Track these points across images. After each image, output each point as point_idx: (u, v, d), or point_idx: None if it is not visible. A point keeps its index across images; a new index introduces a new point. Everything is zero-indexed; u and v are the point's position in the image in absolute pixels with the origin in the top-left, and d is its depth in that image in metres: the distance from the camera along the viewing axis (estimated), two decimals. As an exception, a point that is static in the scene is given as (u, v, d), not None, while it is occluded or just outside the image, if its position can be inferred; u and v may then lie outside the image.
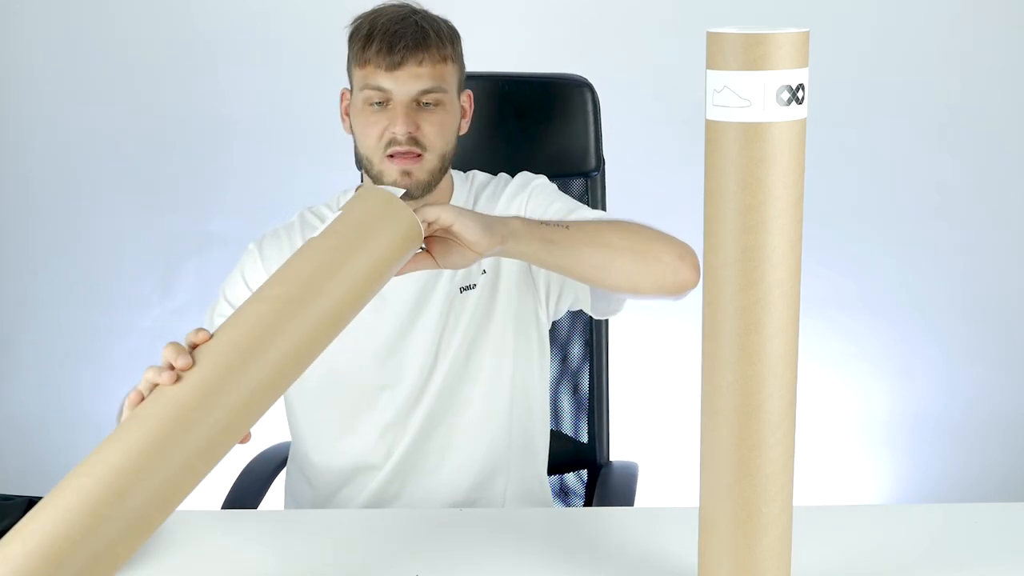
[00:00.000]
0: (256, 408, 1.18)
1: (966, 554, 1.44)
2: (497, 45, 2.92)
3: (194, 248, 3.15)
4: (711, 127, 1.16)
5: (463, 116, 1.78)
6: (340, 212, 1.31)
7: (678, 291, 1.59)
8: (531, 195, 1.78)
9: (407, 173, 1.68)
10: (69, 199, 3.17)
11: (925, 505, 1.63)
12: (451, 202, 1.78)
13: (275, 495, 1.92)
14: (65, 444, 3.16)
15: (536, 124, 1.98)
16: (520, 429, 1.80)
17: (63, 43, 3.09)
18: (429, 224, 1.36)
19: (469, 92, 1.79)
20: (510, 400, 1.78)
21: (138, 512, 1.08)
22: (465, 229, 1.38)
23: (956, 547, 1.46)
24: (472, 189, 1.83)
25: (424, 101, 1.68)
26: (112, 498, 1.07)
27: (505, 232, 1.43)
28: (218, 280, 1.82)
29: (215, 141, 3.12)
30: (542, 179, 1.82)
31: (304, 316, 1.21)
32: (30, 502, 1.46)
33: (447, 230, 1.38)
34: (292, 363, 1.20)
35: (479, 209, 1.77)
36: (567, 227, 1.51)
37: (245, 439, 1.21)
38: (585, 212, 1.72)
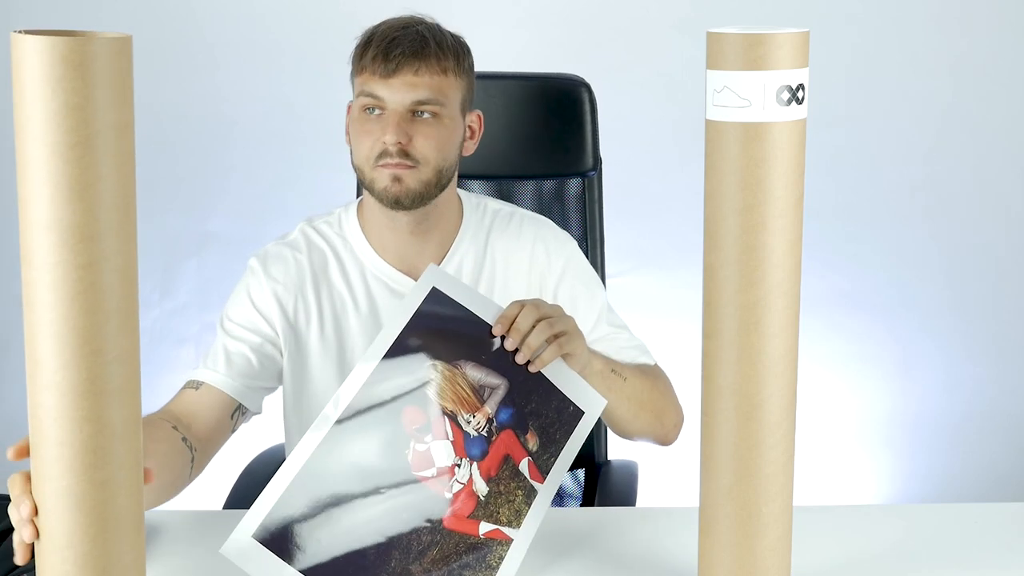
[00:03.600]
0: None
1: (966, 554, 1.44)
2: (495, 45, 2.93)
3: (194, 248, 3.16)
4: (711, 127, 1.16)
5: (470, 136, 1.72)
6: None
7: (659, 444, 1.73)
8: (564, 276, 1.75)
9: (397, 179, 1.62)
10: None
11: (925, 505, 1.63)
12: (459, 232, 1.74)
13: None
14: (65, 444, 3.16)
15: (533, 124, 1.98)
16: None
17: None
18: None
19: (479, 113, 1.73)
20: None
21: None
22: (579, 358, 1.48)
23: (956, 547, 1.46)
24: (483, 220, 1.77)
25: (419, 111, 1.62)
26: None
27: (589, 366, 1.52)
28: (218, 280, 1.81)
29: (215, 141, 3.12)
30: (576, 253, 1.78)
31: None
32: (30, 502, 1.45)
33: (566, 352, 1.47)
34: None
35: (489, 244, 1.75)
36: (625, 378, 1.61)
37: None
38: (618, 335, 1.74)
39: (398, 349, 1.37)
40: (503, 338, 1.43)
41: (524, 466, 1.40)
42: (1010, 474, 3.18)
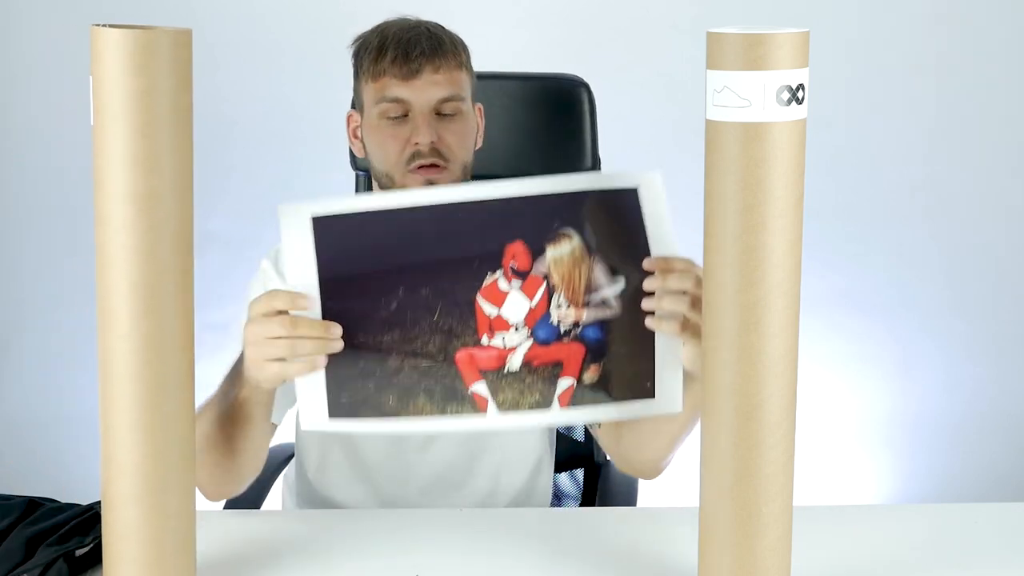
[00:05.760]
0: None
1: (966, 554, 1.44)
2: (495, 45, 2.93)
3: (194, 248, 3.15)
4: (711, 127, 1.16)
5: (477, 131, 1.73)
6: None
7: (643, 476, 1.65)
8: None
9: (431, 183, 1.62)
10: (69, 199, 3.17)
11: (925, 505, 1.63)
12: None
13: (278, 495, 1.92)
14: (65, 444, 3.16)
15: (532, 124, 1.98)
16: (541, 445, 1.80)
17: (64, 45, 3.09)
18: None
19: (480, 106, 1.75)
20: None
21: None
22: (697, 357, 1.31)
23: (956, 547, 1.46)
24: None
25: (443, 111, 1.63)
26: None
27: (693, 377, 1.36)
28: (218, 280, 1.82)
29: (215, 141, 3.12)
30: None
31: None
32: (30, 502, 1.46)
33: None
34: None
35: None
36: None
37: None
38: None
39: (551, 195, 1.30)
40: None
41: (563, 384, 1.33)
42: (1010, 474, 3.18)
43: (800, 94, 1.14)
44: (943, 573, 1.40)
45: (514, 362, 1.32)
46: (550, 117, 1.99)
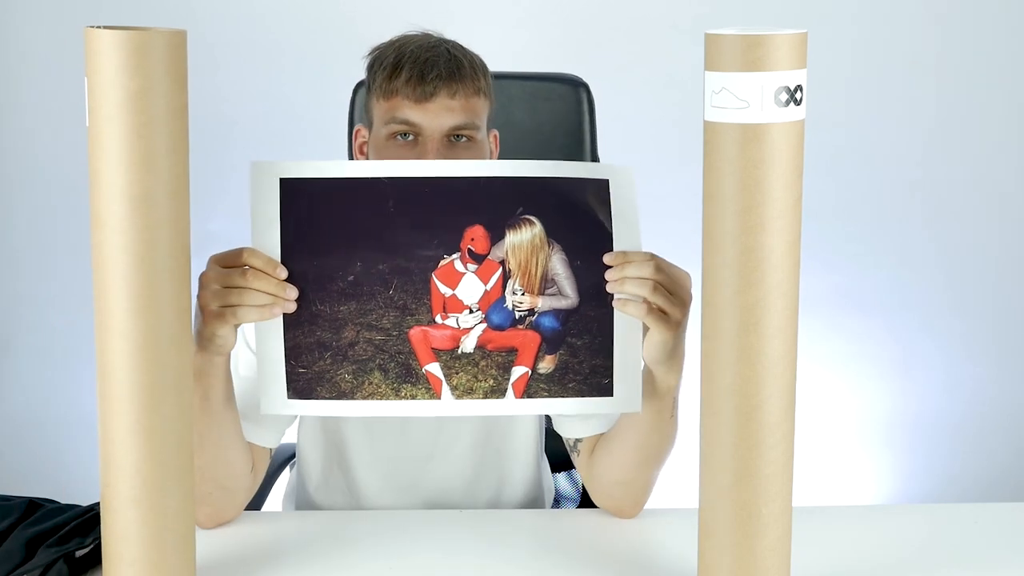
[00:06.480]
0: None
1: (966, 554, 1.44)
2: (495, 45, 2.93)
3: (194, 248, 3.13)
4: (709, 128, 1.16)
5: (490, 158, 1.65)
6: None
7: (615, 513, 1.56)
8: None
9: None
10: (69, 199, 3.17)
11: (925, 505, 1.63)
12: None
13: (278, 495, 1.92)
14: (65, 444, 3.15)
15: (531, 124, 1.98)
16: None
17: (64, 44, 3.09)
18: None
19: (495, 132, 1.66)
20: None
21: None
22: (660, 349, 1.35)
23: (956, 547, 1.46)
24: None
25: (456, 136, 1.55)
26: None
27: (670, 375, 1.40)
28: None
29: (215, 141, 3.11)
30: None
31: None
32: (30, 502, 1.46)
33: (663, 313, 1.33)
34: None
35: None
36: (672, 417, 1.48)
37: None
38: None
39: (513, 178, 1.31)
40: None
41: (517, 372, 1.35)
42: (1010, 474, 3.19)
43: (798, 95, 1.14)
44: (943, 573, 1.40)
45: (468, 344, 1.34)
46: (550, 117, 1.99)
